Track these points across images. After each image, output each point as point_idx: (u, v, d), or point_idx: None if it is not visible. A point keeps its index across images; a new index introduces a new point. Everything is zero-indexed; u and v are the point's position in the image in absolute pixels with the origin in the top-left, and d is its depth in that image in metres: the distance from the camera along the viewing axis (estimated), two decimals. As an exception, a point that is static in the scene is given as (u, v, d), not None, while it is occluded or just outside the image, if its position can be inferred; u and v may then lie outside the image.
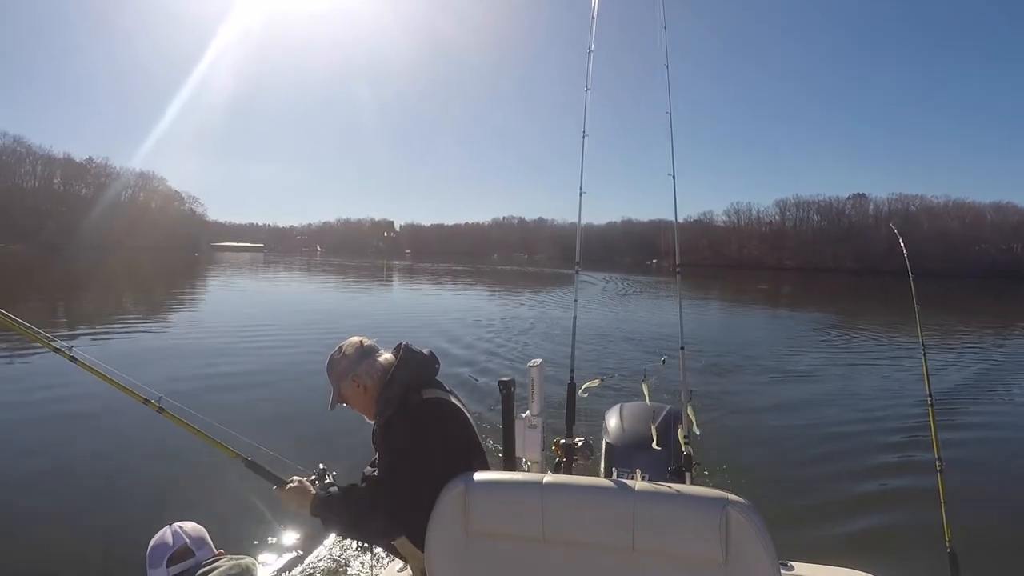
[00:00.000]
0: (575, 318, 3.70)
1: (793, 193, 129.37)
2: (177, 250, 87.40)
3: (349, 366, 1.96)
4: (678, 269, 3.69)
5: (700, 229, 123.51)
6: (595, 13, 3.83)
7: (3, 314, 1.98)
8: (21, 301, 19.26)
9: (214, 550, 1.79)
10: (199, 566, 1.69)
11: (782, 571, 1.73)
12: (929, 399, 2.55)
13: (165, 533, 1.75)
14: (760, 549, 1.53)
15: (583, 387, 3.15)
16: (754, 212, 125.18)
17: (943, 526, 2.28)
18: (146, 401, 2.08)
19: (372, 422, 2.02)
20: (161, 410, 2.08)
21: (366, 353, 1.99)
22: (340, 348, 2.00)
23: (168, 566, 1.68)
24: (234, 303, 22.84)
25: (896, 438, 6.82)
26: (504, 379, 2.44)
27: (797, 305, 30.80)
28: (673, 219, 3.66)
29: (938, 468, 2.43)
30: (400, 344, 2.03)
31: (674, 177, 3.48)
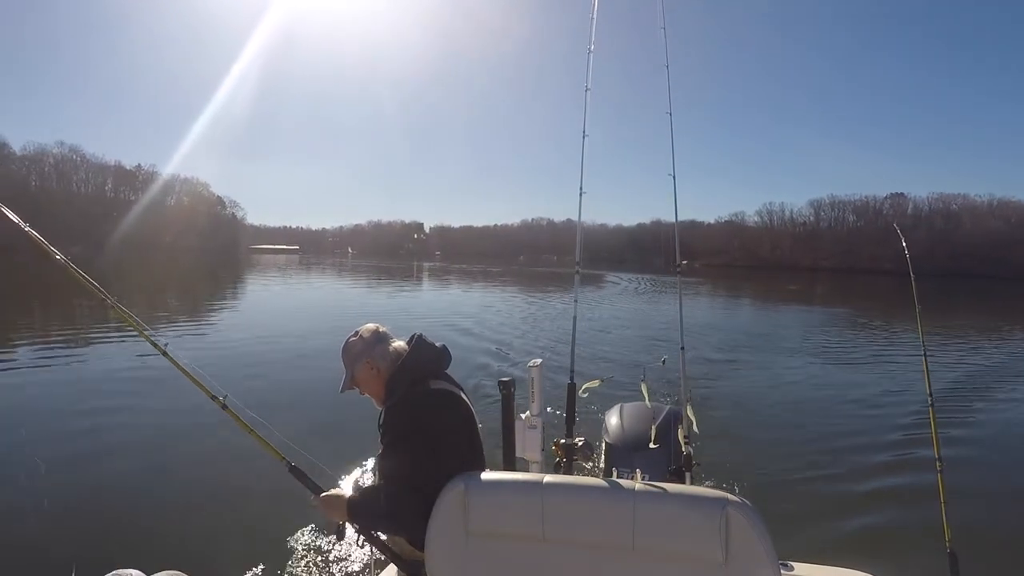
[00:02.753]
0: (575, 318, 3.70)
1: (828, 193, 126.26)
2: (219, 252, 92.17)
3: (365, 348, 2.01)
4: (678, 268, 3.70)
5: (731, 230, 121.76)
6: (595, 13, 3.84)
7: (119, 307, 2.21)
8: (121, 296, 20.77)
9: None
10: None
11: (782, 571, 1.73)
12: (930, 399, 2.55)
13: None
14: (760, 549, 1.53)
15: (583, 387, 3.15)
16: (787, 212, 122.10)
17: (943, 526, 2.28)
18: (213, 397, 2.17)
19: (380, 408, 2.05)
20: (224, 407, 2.16)
21: (381, 338, 2.04)
22: (356, 332, 2.05)
23: None
24: (287, 303, 23.84)
25: (896, 438, 6.82)
26: (504, 379, 2.44)
27: (819, 307, 30.34)
28: (674, 219, 3.65)
29: (938, 468, 2.42)
30: (414, 335, 2.08)
31: (674, 177, 3.49)
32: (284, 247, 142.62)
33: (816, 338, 16.58)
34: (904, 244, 3.27)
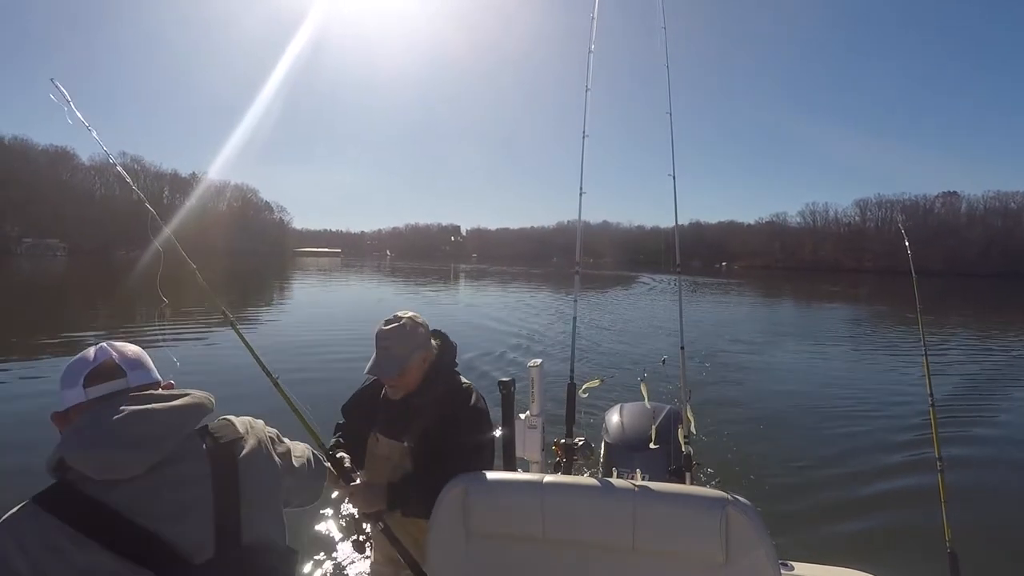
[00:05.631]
0: (575, 318, 3.69)
1: (875, 192, 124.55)
2: (269, 255, 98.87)
3: (427, 338, 2.01)
4: (678, 268, 3.69)
5: (772, 231, 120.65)
6: (595, 13, 3.81)
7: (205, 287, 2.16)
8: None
9: (157, 377, 1.20)
10: (135, 390, 1.12)
11: (782, 571, 1.73)
12: (930, 399, 2.55)
13: (86, 351, 1.15)
14: (760, 549, 1.53)
15: (583, 387, 3.15)
16: (831, 213, 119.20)
17: (943, 526, 2.28)
18: (268, 374, 2.14)
19: (392, 395, 2.02)
20: (276, 384, 2.11)
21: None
22: (412, 318, 2.01)
23: (86, 386, 1.09)
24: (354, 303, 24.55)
25: (897, 438, 6.81)
26: (504, 379, 2.43)
27: (844, 307, 30.19)
28: (674, 222, 3.62)
29: (939, 468, 2.42)
30: (436, 330, 2.11)
31: (674, 177, 3.46)
32: (326, 250, 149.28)
33: (824, 338, 16.57)
34: (907, 243, 3.26)
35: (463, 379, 2.08)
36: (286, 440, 1.34)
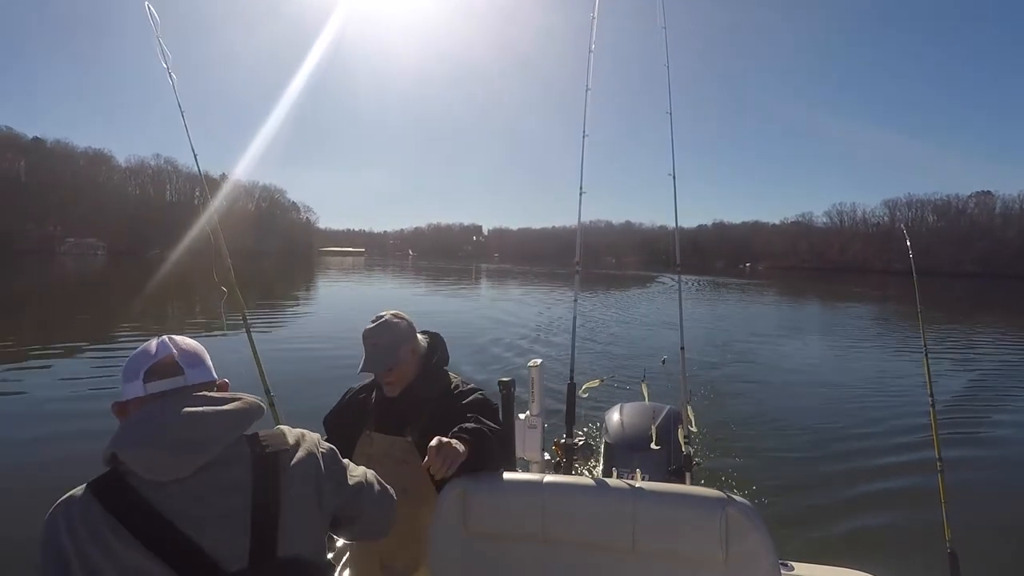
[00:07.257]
0: (575, 318, 3.69)
1: (905, 192, 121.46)
2: (296, 255, 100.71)
3: (411, 331, 2.00)
4: (678, 267, 3.69)
5: (798, 231, 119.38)
6: (595, 13, 3.80)
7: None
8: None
9: (215, 375, 1.20)
10: (192, 388, 1.13)
11: (782, 571, 1.73)
12: (930, 399, 2.55)
13: (148, 344, 1.17)
14: (760, 549, 1.53)
15: (583, 387, 3.15)
16: (859, 213, 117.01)
17: (943, 526, 2.28)
18: (267, 392, 2.22)
19: (389, 392, 1.98)
20: (271, 404, 2.18)
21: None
22: (393, 313, 2.02)
23: (146, 381, 1.11)
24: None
25: (897, 438, 6.81)
26: (504, 379, 2.43)
27: (856, 307, 29.83)
28: (674, 223, 3.62)
29: (938, 468, 2.43)
30: (425, 330, 2.11)
31: (674, 177, 3.46)
32: (351, 250, 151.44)
33: (819, 339, 16.57)
34: (908, 244, 3.27)
35: (452, 374, 2.08)
36: (345, 459, 1.31)
